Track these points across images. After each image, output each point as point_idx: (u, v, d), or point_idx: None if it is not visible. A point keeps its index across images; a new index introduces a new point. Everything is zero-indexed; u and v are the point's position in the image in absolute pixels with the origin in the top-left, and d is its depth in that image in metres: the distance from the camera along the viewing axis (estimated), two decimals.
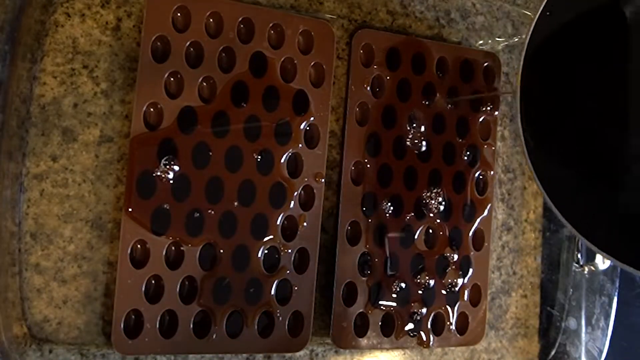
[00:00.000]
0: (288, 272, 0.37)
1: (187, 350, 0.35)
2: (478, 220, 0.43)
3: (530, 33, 0.31)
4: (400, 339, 0.40)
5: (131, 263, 0.34)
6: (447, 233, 0.42)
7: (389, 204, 0.41)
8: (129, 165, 0.34)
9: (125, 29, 0.35)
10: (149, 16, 0.34)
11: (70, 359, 0.34)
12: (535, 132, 0.32)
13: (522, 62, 0.31)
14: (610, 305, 0.46)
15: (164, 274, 0.34)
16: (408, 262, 0.41)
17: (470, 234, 0.43)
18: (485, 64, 0.44)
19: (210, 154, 0.36)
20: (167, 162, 0.34)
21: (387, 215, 0.40)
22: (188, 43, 0.35)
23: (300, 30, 0.38)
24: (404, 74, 0.41)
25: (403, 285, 0.41)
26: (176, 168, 0.34)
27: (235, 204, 0.36)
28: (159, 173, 0.34)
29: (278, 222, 0.37)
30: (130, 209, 0.34)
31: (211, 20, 0.36)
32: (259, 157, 0.37)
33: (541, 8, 0.31)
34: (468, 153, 0.43)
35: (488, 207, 0.44)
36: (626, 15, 0.31)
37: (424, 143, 0.42)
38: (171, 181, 0.34)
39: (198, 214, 0.35)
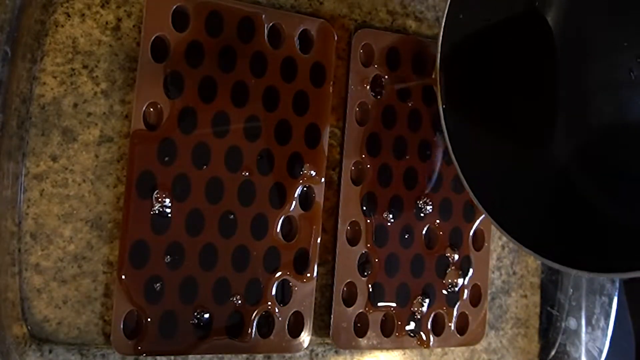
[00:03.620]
0: (288, 272, 0.37)
1: (187, 350, 0.35)
2: (478, 220, 0.43)
3: (442, 34, 0.34)
4: (400, 338, 0.40)
5: (131, 263, 0.34)
6: (447, 233, 0.42)
7: (389, 203, 0.41)
8: (129, 166, 0.34)
9: (125, 29, 0.35)
10: (148, 16, 0.34)
11: (70, 359, 0.34)
12: (456, 118, 0.34)
13: (439, 56, 0.34)
14: (610, 306, 0.46)
15: (164, 274, 0.34)
16: (408, 262, 0.41)
17: (471, 234, 0.43)
18: None
19: (210, 154, 0.36)
20: (157, 196, 0.34)
21: (387, 215, 0.40)
22: (188, 43, 0.35)
23: (300, 30, 0.38)
24: (403, 74, 0.41)
25: (403, 285, 0.41)
26: (167, 201, 0.34)
27: (235, 204, 0.36)
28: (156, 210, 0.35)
29: (278, 222, 0.37)
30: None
31: (211, 20, 0.36)
32: (259, 157, 0.37)
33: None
34: None
35: None
36: (545, 19, 0.35)
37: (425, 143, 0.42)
38: (167, 215, 0.35)
39: (198, 214, 0.35)
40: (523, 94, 0.35)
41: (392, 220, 0.41)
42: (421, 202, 0.41)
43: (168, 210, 0.35)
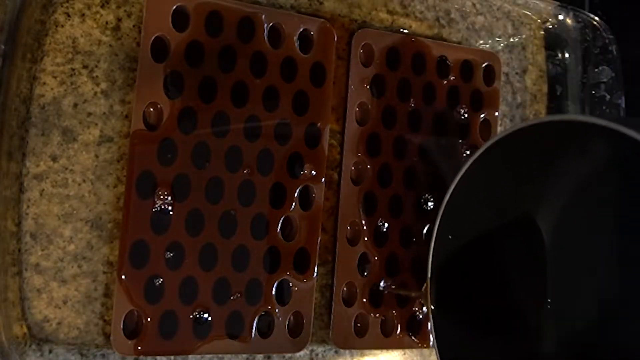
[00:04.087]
0: (288, 272, 0.37)
1: (187, 350, 0.35)
2: None
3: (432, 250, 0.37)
4: (400, 339, 0.40)
5: (131, 263, 0.34)
6: None
7: (389, 203, 0.41)
8: (129, 166, 0.34)
9: (125, 29, 0.35)
10: (148, 16, 0.34)
11: (70, 359, 0.34)
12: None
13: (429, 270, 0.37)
14: None
15: (164, 274, 0.34)
16: (408, 262, 0.41)
17: None
18: (485, 64, 0.44)
19: (210, 154, 0.36)
20: (160, 193, 0.34)
21: (387, 215, 0.40)
22: (188, 43, 0.35)
23: (300, 30, 0.38)
24: (404, 74, 0.41)
25: (402, 285, 0.41)
26: (169, 199, 0.34)
27: (235, 204, 0.36)
28: (158, 207, 0.34)
29: (278, 222, 0.37)
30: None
31: (211, 20, 0.36)
32: (259, 157, 0.37)
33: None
34: (468, 153, 0.43)
35: None
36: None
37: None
38: (169, 212, 0.35)
39: (198, 214, 0.35)
40: (509, 295, 0.37)
41: (392, 221, 0.41)
42: (421, 202, 0.41)
43: (170, 207, 0.35)
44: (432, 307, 0.37)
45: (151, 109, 0.35)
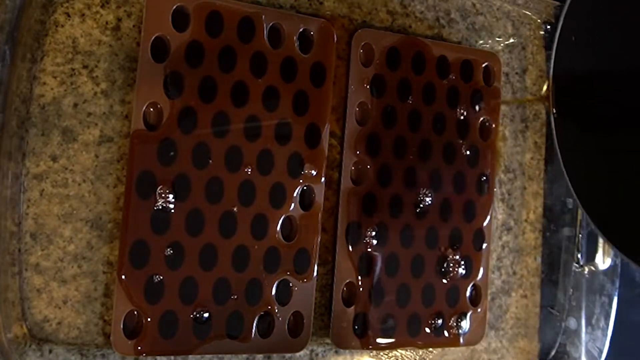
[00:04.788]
0: (288, 272, 0.37)
1: (187, 350, 0.35)
2: (478, 220, 0.43)
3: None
4: (401, 338, 0.40)
5: (131, 263, 0.34)
6: (448, 233, 0.42)
7: (389, 203, 0.41)
8: (129, 166, 0.34)
9: (125, 29, 0.35)
10: (148, 16, 0.34)
11: (70, 359, 0.34)
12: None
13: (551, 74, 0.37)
14: (610, 305, 0.46)
15: (164, 274, 0.34)
16: (408, 262, 0.41)
17: (471, 234, 0.43)
18: (485, 64, 0.44)
19: (210, 154, 0.36)
20: (161, 191, 0.34)
21: (387, 215, 0.40)
22: (188, 43, 0.35)
23: (300, 30, 0.38)
24: (404, 73, 0.41)
25: (403, 285, 0.41)
26: (171, 197, 0.34)
27: (235, 204, 0.36)
28: (159, 205, 0.34)
29: (278, 222, 0.37)
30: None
31: (211, 20, 0.36)
32: (259, 157, 0.37)
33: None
34: (468, 153, 0.43)
35: (488, 207, 0.44)
36: None
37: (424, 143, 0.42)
38: (170, 211, 0.35)
39: (198, 214, 0.35)
40: (631, 101, 0.36)
41: (392, 220, 0.41)
42: (421, 202, 0.41)
43: (171, 206, 0.34)
44: (554, 110, 0.36)
45: (151, 109, 0.35)
